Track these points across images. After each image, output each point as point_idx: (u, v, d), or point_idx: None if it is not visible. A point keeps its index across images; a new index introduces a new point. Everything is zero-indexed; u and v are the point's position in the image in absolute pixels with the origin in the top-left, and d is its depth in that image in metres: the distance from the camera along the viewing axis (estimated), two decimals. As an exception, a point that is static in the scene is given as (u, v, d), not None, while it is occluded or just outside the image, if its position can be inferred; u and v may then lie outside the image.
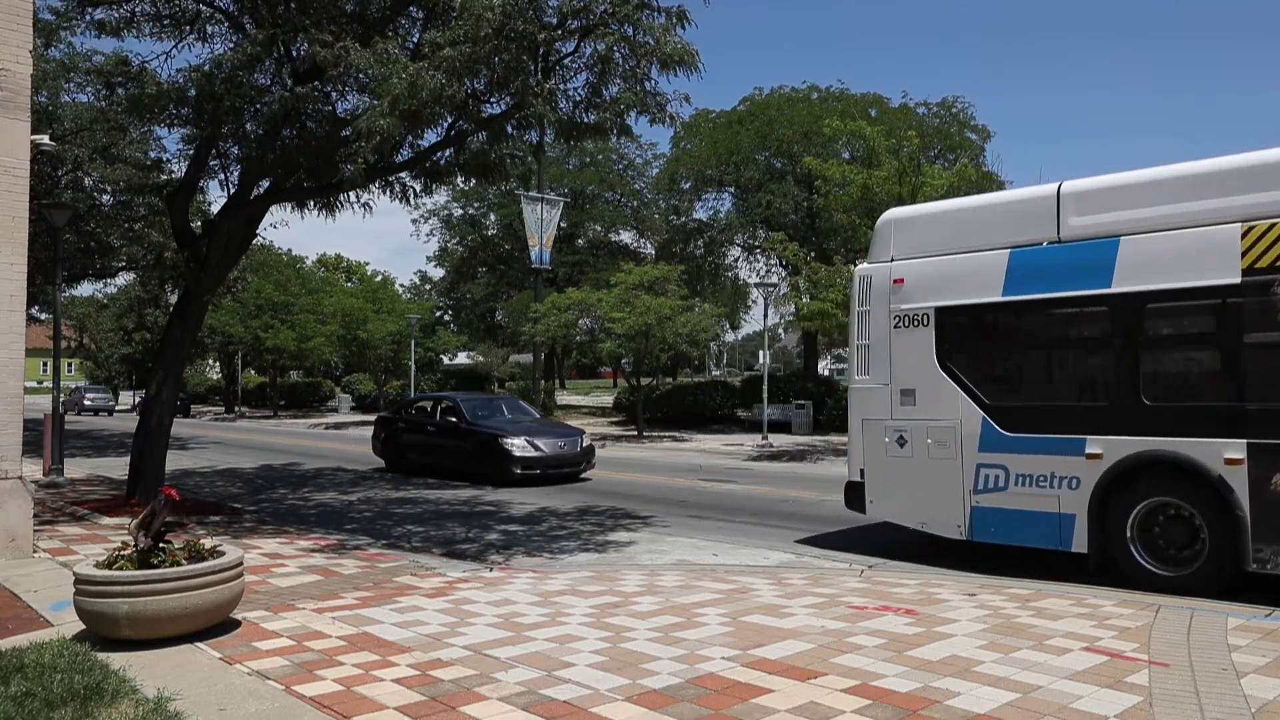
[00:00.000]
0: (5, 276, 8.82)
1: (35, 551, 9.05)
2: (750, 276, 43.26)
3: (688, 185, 42.48)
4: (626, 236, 57.13)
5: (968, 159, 29.72)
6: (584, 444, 17.82)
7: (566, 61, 11.32)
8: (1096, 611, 6.93)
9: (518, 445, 16.86)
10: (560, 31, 10.86)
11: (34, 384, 69.90)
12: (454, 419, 18.36)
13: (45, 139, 16.38)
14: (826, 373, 70.58)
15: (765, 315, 27.26)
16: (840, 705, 4.87)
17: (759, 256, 42.27)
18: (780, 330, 56.45)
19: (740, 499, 14.91)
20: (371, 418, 40.64)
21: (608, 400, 44.71)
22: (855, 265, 26.87)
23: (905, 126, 25.92)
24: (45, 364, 63.25)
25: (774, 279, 33.35)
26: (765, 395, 26.48)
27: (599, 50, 10.73)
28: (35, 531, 9.26)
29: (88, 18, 12.97)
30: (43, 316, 33.91)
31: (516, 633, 6.35)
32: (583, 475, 17.85)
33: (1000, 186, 31.76)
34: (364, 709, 4.85)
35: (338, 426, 36.43)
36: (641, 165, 54.87)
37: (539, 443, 17.03)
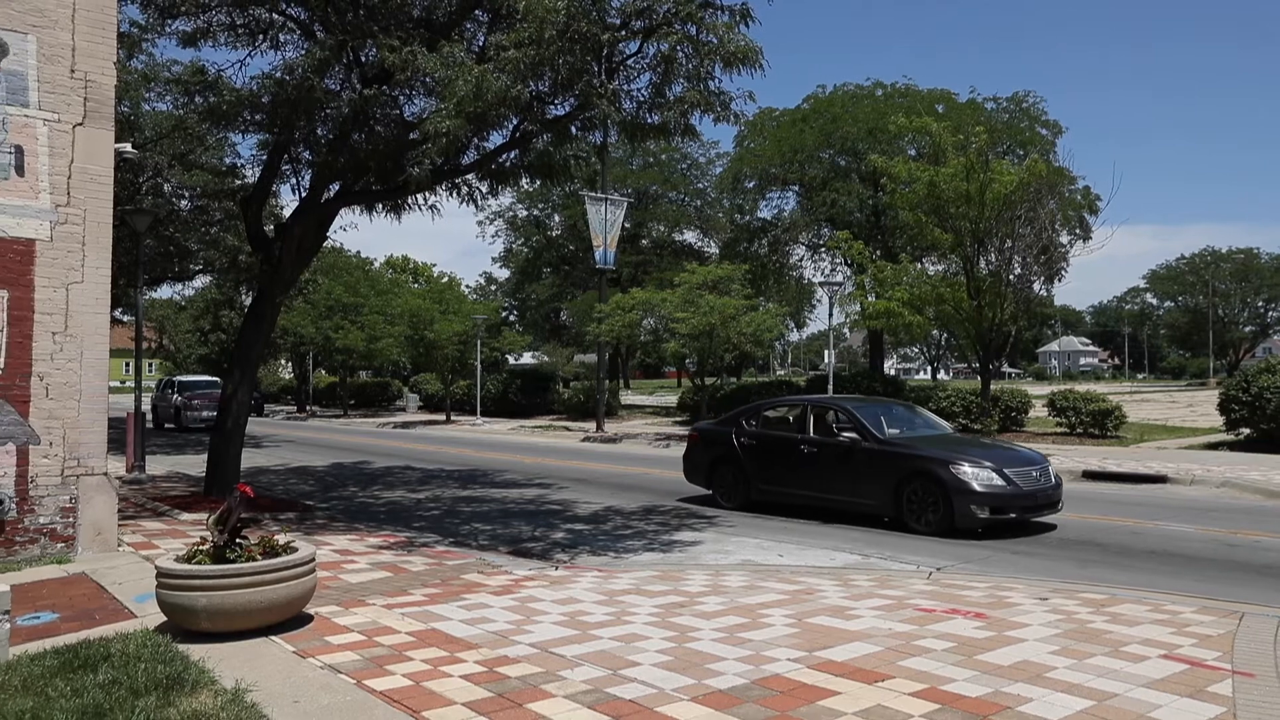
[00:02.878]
0: (92, 280, 9.13)
1: (120, 545, 9.35)
2: (815, 275, 42.93)
3: (751, 184, 42.29)
4: (690, 236, 57.08)
5: (1038, 154, 29.12)
6: (1053, 472, 12.30)
7: (630, 62, 11.36)
8: (1175, 618, 6.74)
9: (978, 477, 11.35)
10: (624, 32, 10.90)
11: (117, 384, 72.18)
12: (848, 435, 12.67)
13: (128, 147, 16.94)
14: (893, 372, 69.76)
15: (830, 314, 26.99)
16: (908, 709, 4.81)
17: (824, 255, 41.90)
18: (845, 329, 55.90)
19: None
20: (439, 416, 41.38)
21: (672, 400, 44.69)
22: (921, 263, 26.60)
23: (973, 122, 25.48)
24: (127, 364, 65.25)
25: (839, 278, 32.93)
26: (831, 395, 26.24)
27: (662, 50, 10.74)
28: (119, 526, 9.57)
29: (167, 29, 13.38)
30: (125, 318, 35.02)
31: (582, 631, 6.39)
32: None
33: (1072, 182, 31.10)
34: (433, 704, 4.92)
35: (405, 425, 36.99)
36: (705, 165, 54.76)
37: (1010, 473, 11.50)
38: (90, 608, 7.05)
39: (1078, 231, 34.49)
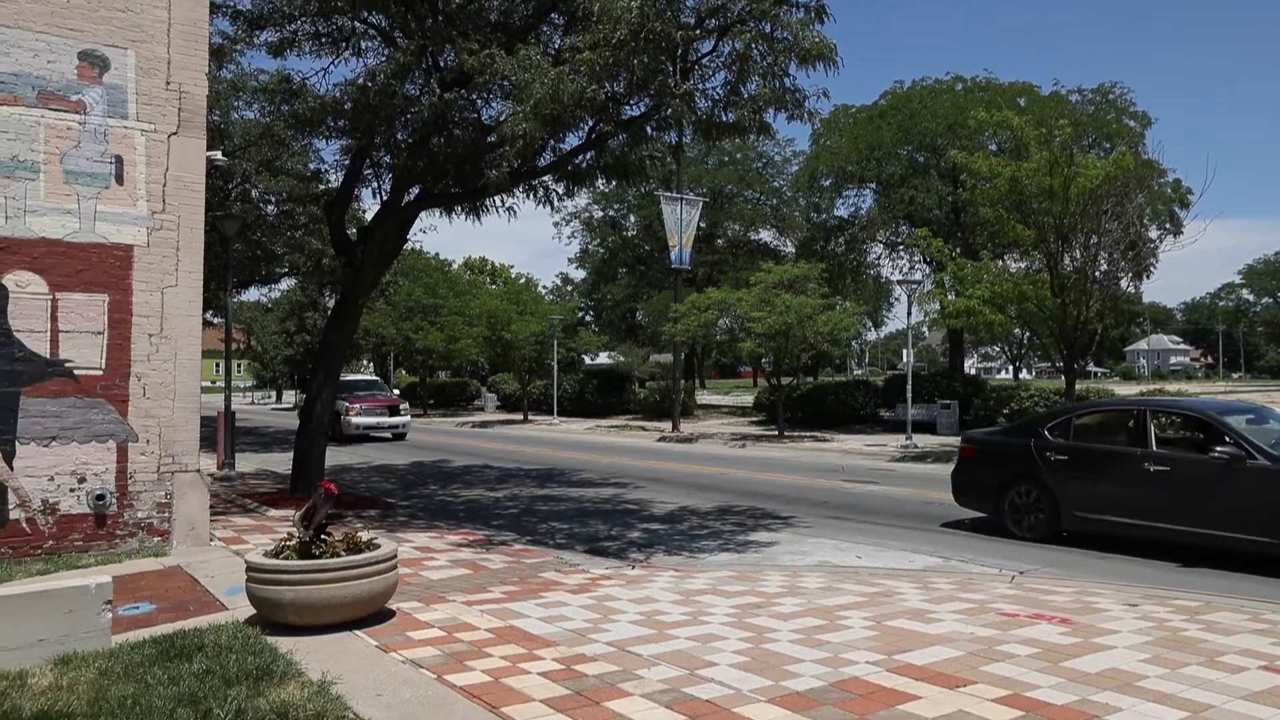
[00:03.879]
0: (185, 284, 9.46)
1: (211, 540, 9.67)
2: (893, 274, 42.31)
3: (828, 182, 41.85)
4: (766, 235, 56.72)
5: (1126, 147, 28.24)
6: None
7: (704, 61, 11.36)
8: (1276, 627, 6.48)
9: None
10: (698, 31, 10.91)
11: (208, 383, 74.68)
12: (1225, 449, 9.54)
13: (218, 155, 17.50)
14: (973, 371, 68.39)
15: (909, 313, 26.58)
16: (991, 715, 4.72)
17: (902, 253, 41.27)
18: (924, 328, 55.04)
19: (883, 501, 14.60)
20: (517, 416, 41.79)
21: (748, 400, 44.50)
22: (1002, 261, 26.02)
23: (1057, 116, 24.81)
24: (217, 365, 67.33)
25: (918, 276, 32.49)
26: (909, 395, 25.85)
27: (737, 48, 10.73)
28: (211, 521, 9.89)
29: (255, 40, 13.80)
30: (215, 320, 36.02)
31: (659, 630, 6.40)
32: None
33: (1161, 175, 30.10)
34: (512, 700, 4.99)
35: (483, 425, 37.50)
36: (780, 163, 54.37)
37: None
38: (185, 599, 7.30)
39: (1168, 226, 33.39)
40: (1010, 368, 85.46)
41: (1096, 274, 20.27)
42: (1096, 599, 7.45)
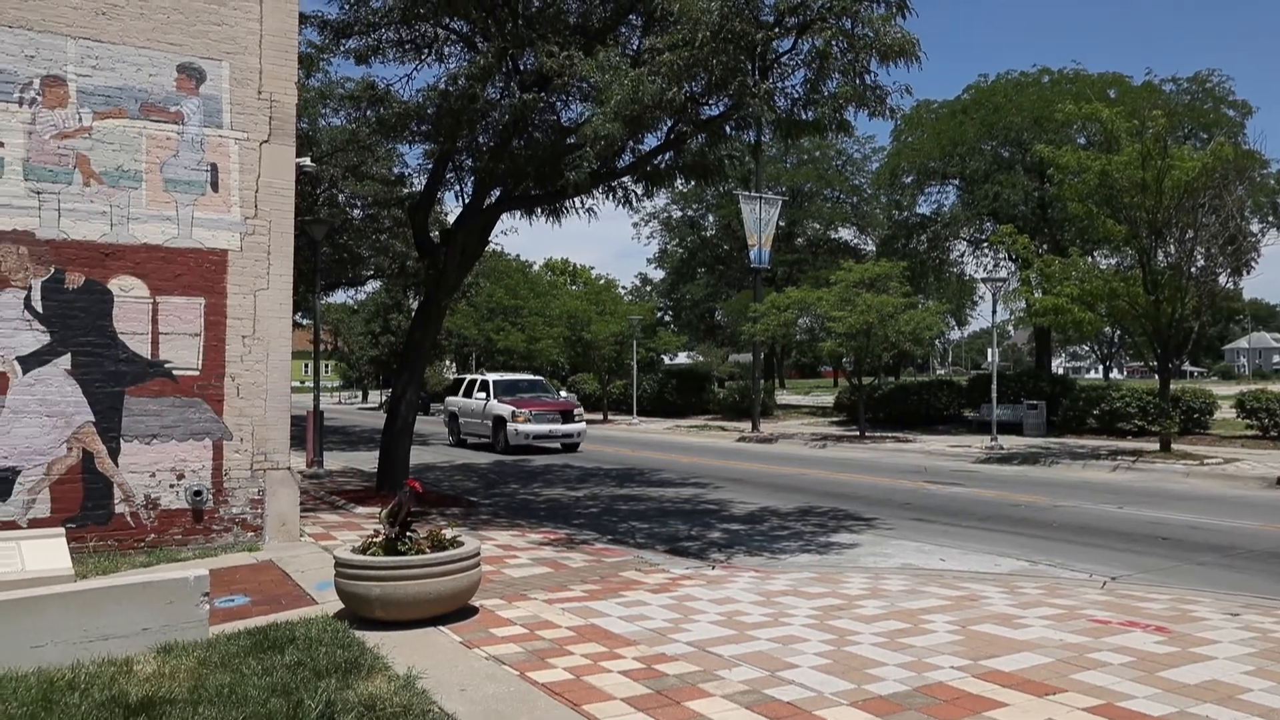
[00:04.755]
0: (276, 287, 9.75)
1: (301, 535, 9.95)
2: (977, 272, 41.38)
3: (909, 179, 41.14)
4: (846, 234, 56.03)
5: (1224, 137, 27.19)
6: None
7: (784, 59, 11.29)
8: (1387, 638, 6.18)
9: None
10: (777, 30, 10.84)
11: (297, 384, 76.78)
12: None
13: (307, 161, 18.01)
14: (1061, 371, 66.56)
15: (994, 311, 26.00)
16: (1082, 724, 4.59)
17: (986, 251, 40.32)
18: (1010, 327, 53.82)
19: (968, 502, 14.32)
20: (596, 416, 41.81)
21: (828, 400, 44.03)
22: (1092, 257, 25.28)
23: (1149, 106, 23.98)
24: (306, 365, 69.12)
25: (1002, 274, 31.64)
26: (994, 395, 25.27)
27: (816, 46, 10.63)
28: (300, 518, 10.17)
29: (341, 48, 14.14)
30: (304, 322, 36.93)
31: (739, 631, 6.39)
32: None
33: (1263, 165, 28.90)
34: (593, 699, 5.03)
35: (563, 425, 37.77)
36: (861, 161, 53.63)
37: None
38: (277, 593, 7.53)
39: (1270, 219, 32.06)
40: (1100, 367, 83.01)
41: (1192, 270, 19.57)
42: (1194, 607, 7.20)
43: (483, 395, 25.74)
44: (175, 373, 9.25)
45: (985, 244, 39.26)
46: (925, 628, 6.48)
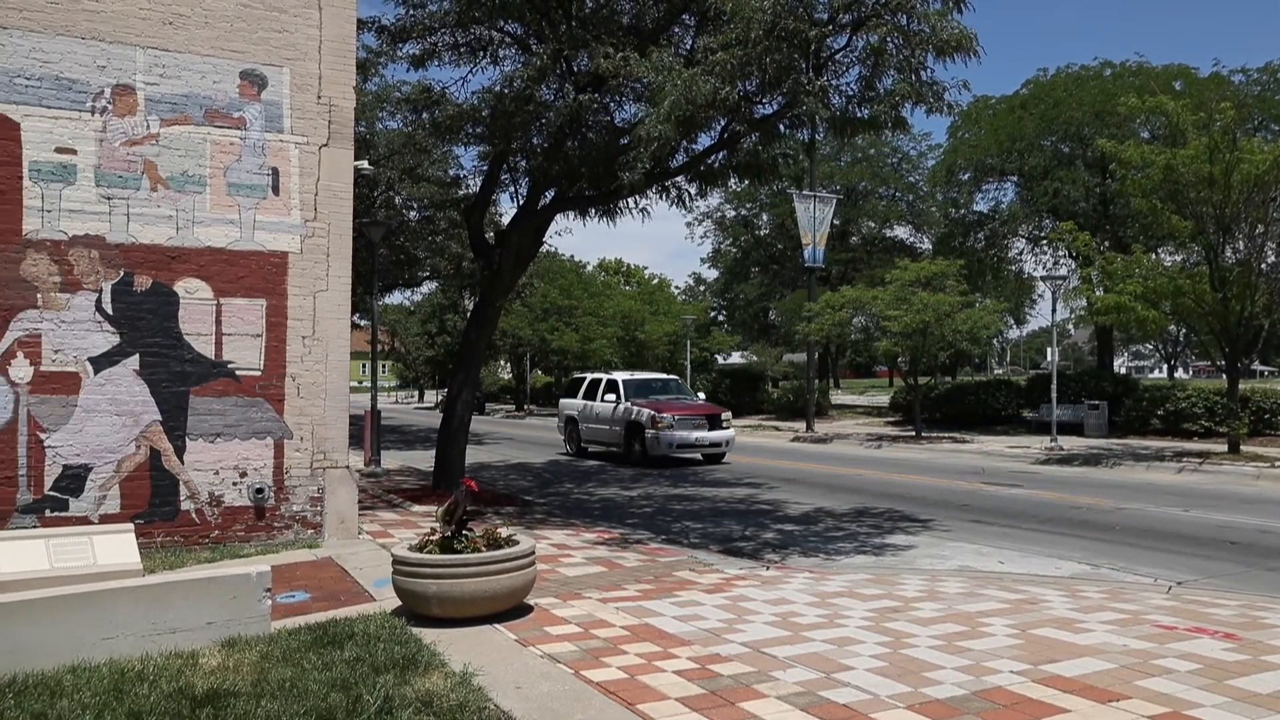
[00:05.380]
0: (335, 288, 9.92)
1: (360, 533, 10.11)
2: (1036, 269, 40.64)
3: (966, 176, 40.56)
4: (901, 232, 55.44)
5: (1297, 129, 26.39)
6: None
7: (838, 56, 11.20)
8: None
9: None
10: (831, 27, 10.76)
11: (355, 384, 78.01)
12: None
13: (365, 164, 18.30)
14: (1123, 370, 65.14)
15: (1053, 310, 25.49)
16: (1146, 731, 4.50)
17: (1045, 248, 39.60)
18: (1070, 326, 52.82)
19: (1026, 504, 14.08)
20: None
21: (883, 400, 43.59)
22: (1156, 254, 24.69)
23: (1217, 98, 23.34)
24: (364, 365, 70.10)
25: (1062, 271, 31.01)
26: (1054, 395, 24.79)
27: (871, 42, 10.54)
28: (359, 515, 10.33)
29: (398, 53, 14.34)
30: (362, 323, 37.46)
31: (794, 632, 6.36)
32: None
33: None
34: (647, 698, 5.04)
35: (617, 424, 37.85)
36: (917, 158, 53.02)
37: None
38: (336, 590, 7.66)
39: (1346, 214, 31.03)
40: (1164, 367, 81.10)
41: (1263, 266, 19.04)
42: (1266, 614, 7.00)
43: (612, 397, 22.37)
44: (238, 373, 9.45)
45: (1044, 241, 38.58)
46: (983, 631, 6.39)
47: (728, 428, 21.58)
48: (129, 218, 9.04)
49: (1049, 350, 32.11)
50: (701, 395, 28.62)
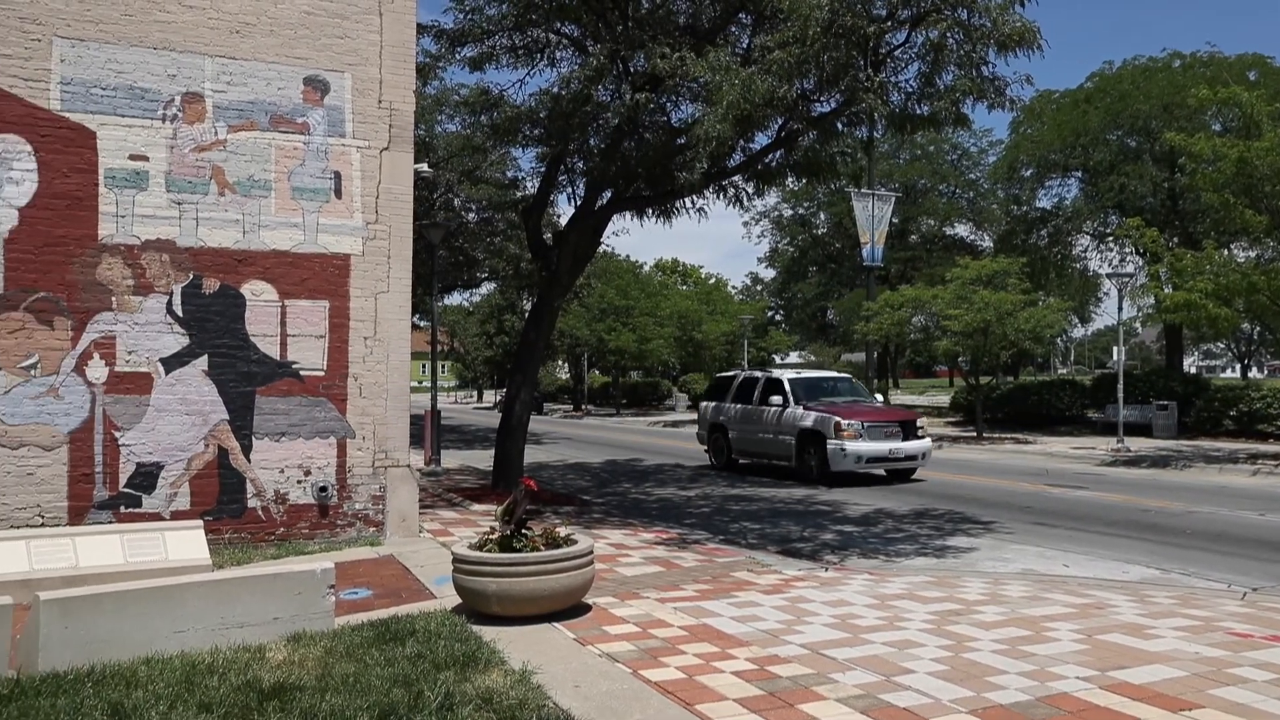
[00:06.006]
0: (396, 290, 10.07)
1: (420, 531, 10.25)
2: (1101, 267, 39.80)
3: (1029, 172, 39.82)
4: (962, 230, 54.70)
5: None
6: None
7: (897, 53, 11.09)
8: None
9: None
10: (890, 23, 10.65)
11: (415, 384, 79.00)
12: None
13: (424, 167, 18.54)
14: (1193, 370, 63.44)
15: (1119, 308, 24.94)
16: (1219, 741, 4.38)
17: (1111, 245, 38.74)
18: (1137, 324, 51.54)
19: (1092, 507, 13.79)
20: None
21: (944, 400, 43.00)
22: (1228, 250, 24.00)
23: (1294, 88, 22.66)
24: (424, 366, 70.93)
25: (1129, 269, 30.33)
26: (1120, 395, 24.24)
27: (931, 38, 10.41)
28: (419, 514, 10.47)
29: (456, 56, 14.51)
30: (421, 324, 37.94)
31: (853, 634, 6.31)
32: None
33: None
34: (705, 698, 5.04)
35: (674, 425, 37.88)
36: (976, 154, 52.25)
37: None
38: (397, 587, 7.78)
39: None
40: (1237, 366, 78.83)
41: (1342, 262, 18.42)
42: (1343, 620, 6.78)
43: (777, 400, 18.49)
44: (302, 373, 9.64)
45: (1110, 238, 37.76)
46: (1048, 636, 6.27)
47: (924, 437, 18.09)
48: (198, 222, 9.27)
49: (1115, 349, 31.42)
50: (879, 398, 24.72)
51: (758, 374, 20.42)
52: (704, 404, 21.55)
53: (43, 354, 8.74)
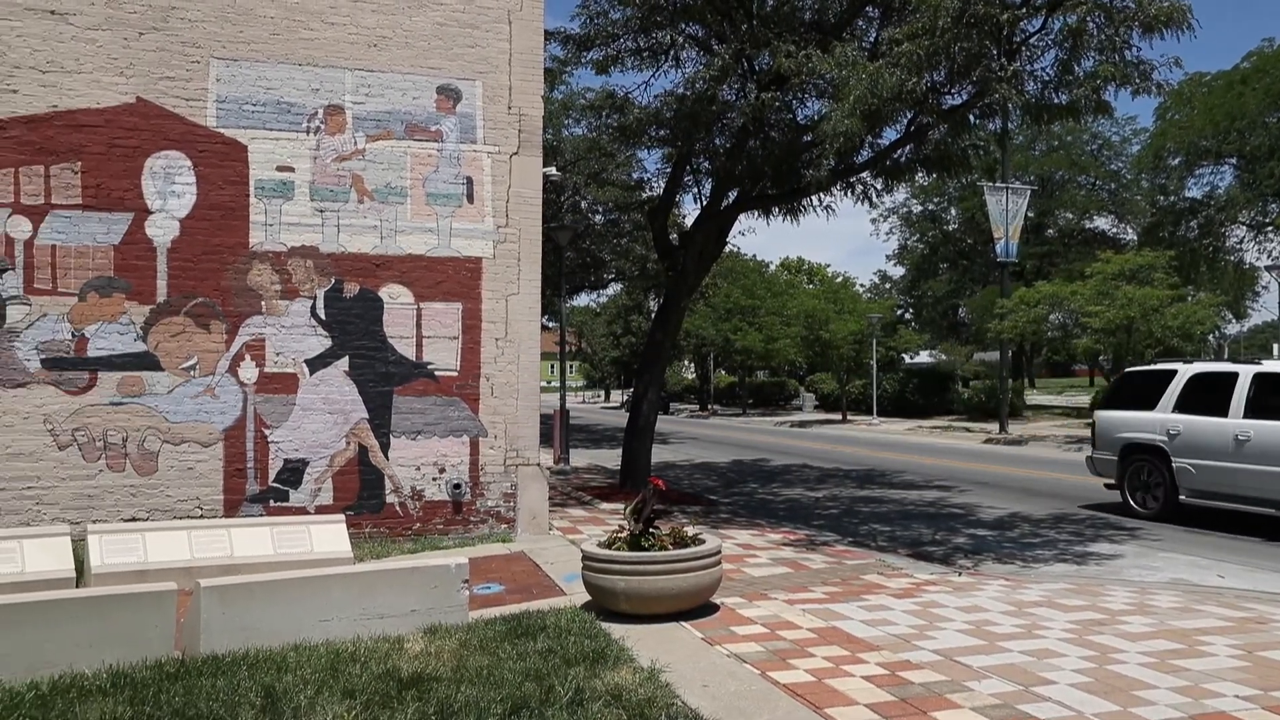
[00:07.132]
0: (525, 291, 10.29)
1: (550, 529, 10.44)
2: (1260, 258, 37.50)
3: (1176, 160, 37.83)
4: (1103, 223, 52.23)
5: None
6: None
7: (1032, 40, 10.69)
8: None
9: None
10: (1025, 9, 10.29)
11: (544, 384, 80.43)
12: None
13: (552, 170, 18.90)
14: (1367, 369, 58.95)
15: (1281, 303, 23.50)
16: (1395, 767, 4.08)
17: (1271, 235, 36.47)
18: (1300, 319, 48.28)
19: (1248, 512, 12.97)
20: (835, 416, 41.23)
21: (1083, 400, 41.22)
22: None
23: None
24: (552, 366, 72.16)
25: (1292, 260, 28.56)
26: (1283, 395, 22.74)
27: (1069, 23, 10.00)
28: (549, 512, 10.67)
29: (583, 60, 14.72)
30: (550, 324, 38.60)
31: (988, 641, 6.12)
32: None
33: None
34: (835, 702, 4.97)
35: (801, 425, 37.50)
36: (1119, 144, 49.87)
37: None
38: (528, 583, 7.94)
39: None
40: None
41: None
42: None
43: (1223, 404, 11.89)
44: (436, 373, 9.96)
45: (1270, 227, 35.48)
46: (1202, 650, 5.95)
47: None
48: (339, 228, 9.68)
49: (1275, 346, 29.53)
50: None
51: (1234, 369, 12.35)
52: (1109, 415, 13.85)
53: (201, 356, 9.29)
